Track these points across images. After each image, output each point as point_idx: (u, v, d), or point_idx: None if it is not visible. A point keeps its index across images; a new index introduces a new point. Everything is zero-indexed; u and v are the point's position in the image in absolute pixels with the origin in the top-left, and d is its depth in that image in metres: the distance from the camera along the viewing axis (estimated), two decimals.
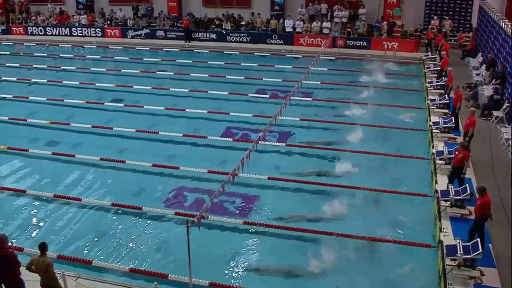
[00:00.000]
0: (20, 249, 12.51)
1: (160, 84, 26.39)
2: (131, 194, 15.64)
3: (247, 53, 32.78)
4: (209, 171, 16.65)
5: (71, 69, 30.24)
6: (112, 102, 23.84)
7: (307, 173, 16.63)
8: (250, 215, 14.52)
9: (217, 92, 24.69)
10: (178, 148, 18.91)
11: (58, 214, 14.71)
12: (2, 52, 35.23)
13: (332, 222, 13.95)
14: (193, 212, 14.08)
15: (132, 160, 17.54)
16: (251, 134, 19.88)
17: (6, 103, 24.54)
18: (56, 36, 38.48)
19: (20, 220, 14.41)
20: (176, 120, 21.57)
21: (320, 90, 25.10)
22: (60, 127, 20.94)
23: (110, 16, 38.41)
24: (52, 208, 15.00)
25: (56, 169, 17.45)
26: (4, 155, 18.64)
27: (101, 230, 13.87)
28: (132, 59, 31.95)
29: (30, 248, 12.69)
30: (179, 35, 35.81)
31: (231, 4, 36.76)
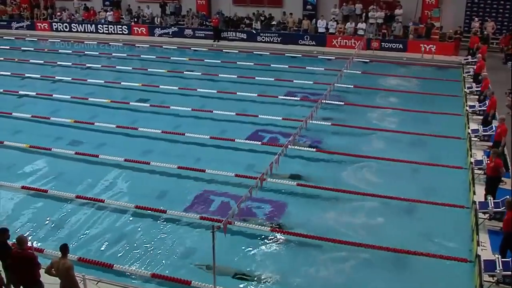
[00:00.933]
0: (40, 250, 12.71)
1: (187, 85, 26.59)
2: (155, 197, 15.79)
3: (278, 54, 32.83)
4: (236, 175, 16.71)
5: (96, 67, 30.75)
6: (138, 102, 24.14)
7: (337, 180, 16.56)
8: (277, 222, 14.51)
9: (246, 93, 24.80)
10: (204, 150, 19.03)
11: (80, 215, 14.93)
12: (26, 48, 36.05)
13: (362, 233, 13.87)
14: (218, 217, 14.17)
15: (157, 161, 17.71)
16: (280, 137, 19.89)
17: (29, 100, 25.07)
18: (82, 33, 39.18)
19: (41, 221, 14.65)
20: (203, 122, 21.72)
21: (353, 94, 24.99)
22: (84, 126, 21.29)
23: (137, 14, 38.89)
24: (73, 209, 15.22)
25: (79, 169, 17.73)
26: (26, 153, 19.02)
27: (124, 233, 14.04)
28: (159, 58, 32.26)
29: (51, 250, 12.92)
30: (207, 34, 36.09)
31: (262, 3, 36.85)
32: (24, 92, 25.98)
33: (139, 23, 38.34)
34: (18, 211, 15.17)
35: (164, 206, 15.11)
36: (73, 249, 12.74)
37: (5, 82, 27.65)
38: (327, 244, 13.39)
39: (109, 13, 39.13)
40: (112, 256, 13.04)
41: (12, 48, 36.07)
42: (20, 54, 34.54)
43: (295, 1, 35.89)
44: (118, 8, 40.19)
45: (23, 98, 25.31)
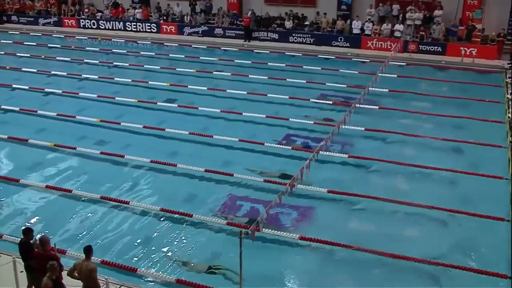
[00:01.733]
0: (62, 251, 12.88)
1: (216, 85, 26.74)
2: (181, 200, 15.90)
3: (310, 55, 32.80)
4: (265, 180, 16.74)
5: (123, 66, 31.11)
6: (165, 102, 24.34)
7: (369, 187, 16.45)
8: (307, 229, 14.46)
9: (277, 95, 24.81)
10: (233, 153, 19.09)
11: (104, 216, 15.10)
12: (53, 45, 36.70)
13: (395, 243, 13.73)
14: (246, 223, 14.19)
15: (184, 164, 17.84)
16: (311, 142, 19.86)
17: (55, 98, 25.51)
18: (109, 30, 39.74)
19: (64, 221, 14.85)
20: (232, 124, 21.81)
21: (388, 98, 24.79)
22: (110, 126, 21.57)
23: (166, 11, 39.24)
24: (97, 210, 15.41)
25: (104, 170, 17.97)
26: (51, 152, 19.34)
27: (148, 236, 14.15)
28: (188, 58, 32.51)
29: (73, 251, 13.12)
30: (238, 33, 36.24)
31: (295, 2, 36.84)
32: (50, 89, 26.42)
33: (168, 21, 38.68)
34: (41, 211, 15.41)
35: (190, 209, 15.20)
36: (96, 251, 12.69)
37: (31, 79, 28.17)
38: (356, 252, 13.29)
39: (138, 10, 39.58)
40: (136, 260, 13.16)
41: (39, 45, 36.70)
42: (46, 51, 35.15)
43: (330, 0, 35.77)
44: (147, 5, 40.64)
45: (49, 96, 25.77)
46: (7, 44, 36.78)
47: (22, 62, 31.99)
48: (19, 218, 15.00)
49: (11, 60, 32.42)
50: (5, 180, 17.15)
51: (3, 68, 30.54)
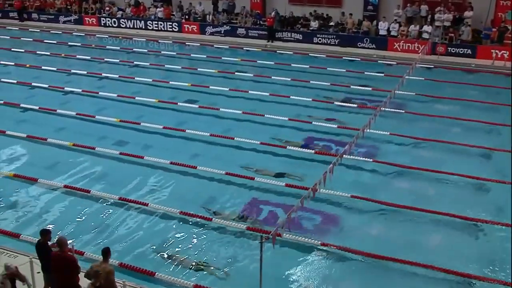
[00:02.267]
0: (80, 253, 13.00)
1: (238, 86, 26.84)
2: (201, 203, 15.95)
3: (335, 56, 32.72)
4: (286, 184, 16.75)
5: (144, 65, 31.35)
6: (186, 102, 24.47)
7: (394, 194, 16.35)
8: (329, 236, 14.44)
9: (300, 98, 24.79)
10: (254, 156, 19.14)
11: (122, 218, 15.24)
12: (73, 43, 37.09)
13: (419, 252, 13.65)
14: (266, 228, 14.22)
15: (204, 166, 17.93)
16: (334, 146, 19.82)
17: (74, 97, 25.82)
18: (131, 29, 40.07)
19: (82, 222, 15.03)
20: (253, 126, 21.85)
21: (414, 102, 24.64)
22: (129, 126, 21.76)
23: (188, 10, 39.43)
24: (116, 212, 15.55)
25: (123, 170, 18.14)
26: (70, 152, 19.56)
27: (167, 239, 14.23)
28: (210, 58, 32.64)
29: (91, 253, 13.24)
30: (261, 34, 36.29)
31: (320, 2, 36.78)
32: (69, 88, 26.74)
33: (190, 20, 38.87)
34: (59, 211, 15.62)
35: (210, 213, 15.27)
36: (113, 253, 12.90)
37: (51, 78, 28.51)
38: (379, 261, 13.25)
39: (160, 9, 39.84)
40: (154, 263, 13.24)
41: (59, 43, 37.19)
42: (67, 49, 35.60)
43: (355, 1, 35.63)
44: (169, 4, 40.87)
45: (69, 95, 26.07)
46: (27, 42, 37.25)
47: (42, 60, 32.44)
48: (37, 218, 15.21)
49: (31, 58, 32.86)
50: (24, 179, 17.40)
51: (23, 66, 30.98)
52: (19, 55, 33.56)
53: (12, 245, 13.47)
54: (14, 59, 32.50)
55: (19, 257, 12.43)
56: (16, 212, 15.59)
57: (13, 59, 32.49)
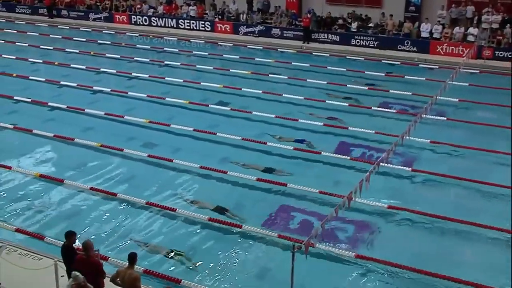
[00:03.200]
0: (105, 258, 13.15)
1: (271, 89, 26.87)
2: (231, 209, 15.99)
3: (373, 59, 32.57)
4: (320, 191, 16.71)
5: (175, 65, 31.65)
6: (218, 104, 24.63)
7: (435, 205, 16.17)
8: (364, 247, 14.37)
9: (336, 102, 24.77)
10: (286, 162, 19.16)
11: (149, 223, 15.38)
12: (103, 41, 37.71)
13: (458, 266, 13.53)
14: (298, 236, 14.19)
15: (235, 171, 18.03)
16: (371, 153, 19.74)
17: (103, 96, 26.22)
18: (162, 27, 40.43)
19: (108, 226, 15.21)
20: (287, 131, 21.83)
21: (457, 109, 24.40)
22: (159, 128, 21.97)
23: (221, 9, 39.67)
24: (143, 216, 15.71)
25: (151, 173, 18.33)
26: (97, 153, 19.86)
27: (194, 246, 14.32)
28: (242, 59, 32.80)
29: (116, 258, 13.40)
30: (297, 34, 36.29)
31: (359, 2, 36.63)
32: (98, 87, 27.16)
33: (224, 19, 39.11)
34: (84, 214, 15.83)
35: (239, 220, 15.34)
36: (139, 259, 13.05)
37: (79, 76, 29.01)
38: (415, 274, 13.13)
39: (192, 7, 40.12)
40: (181, 271, 13.32)
41: (89, 41, 37.77)
42: (96, 47, 36.14)
43: (397, 1, 35.38)
44: (202, 2, 41.13)
45: (97, 94, 26.48)
46: (56, 39, 37.94)
47: (71, 58, 32.97)
48: (62, 220, 15.45)
49: (60, 56, 33.47)
50: (50, 179, 17.71)
51: (52, 64, 31.55)
52: (48, 53, 34.23)
53: (36, 247, 13.70)
54: (42, 56, 33.16)
55: (43, 260, 12.64)
56: (41, 213, 15.86)
57: (42, 56, 33.15)
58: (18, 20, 44.07)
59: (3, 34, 39.17)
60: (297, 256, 10.46)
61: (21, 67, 30.62)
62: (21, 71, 29.63)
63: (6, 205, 16.26)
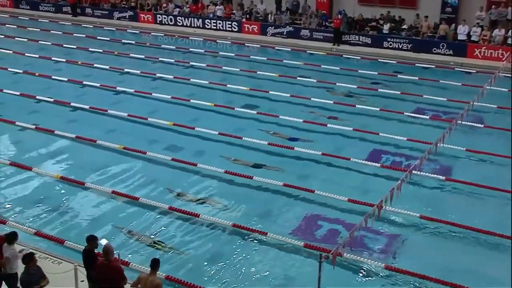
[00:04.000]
0: (126, 263, 13.28)
1: (300, 92, 26.83)
2: (256, 216, 16.08)
3: (407, 63, 32.34)
4: (349, 199, 16.67)
5: (200, 66, 31.81)
6: (244, 107, 24.72)
7: (469, 217, 16.00)
8: (393, 258, 14.30)
9: (367, 107, 24.70)
10: (315, 168, 19.16)
11: (171, 228, 15.50)
12: (127, 41, 38.11)
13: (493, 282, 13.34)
14: (325, 246, 14.18)
15: (261, 176, 18.07)
16: (403, 161, 19.65)
17: (126, 97, 26.49)
18: (187, 27, 40.63)
19: (129, 231, 15.35)
20: (315, 136, 21.83)
21: (496, 115, 24.11)
22: (183, 131, 22.12)
23: (249, 9, 39.76)
24: (165, 221, 15.83)
25: (175, 178, 18.46)
26: (119, 155, 20.10)
27: (218, 253, 14.39)
28: (270, 60, 32.89)
29: (136, 263, 13.51)
30: (326, 36, 36.18)
31: (393, 3, 36.37)
32: (121, 88, 27.43)
33: (251, 20, 39.20)
34: (106, 218, 16.01)
35: (265, 227, 15.36)
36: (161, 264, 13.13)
37: (103, 76, 29.37)
38: None
39: (219, 7, 40.26)
40: (203, 278, 13.40)
41: (112, 40, 38.23)
42: (120, 46, 36.54)
43: (432, 2, 35.03)
44: (229, 2, 41.28)
45: (121, 95, 26.76)
46: (79, 38, 38.45)
47: (94, 57, 33.36)
48: (83, 224, 15.67)
49: (83, 55, 33.88)
50: (70, 182, 17.94)
51: (75, 63, 31.97)
52: (71, 52, 34.69)
53: (56, 251, 13.90)
54: (66, 55, 33.60)
55: (63, 264, 12.81)
56: (61, 216, 16.07)
57: (65, 55, 33.59)
58: (42, 18, 44.78)
59: (27, 33, 39.82)
60: (324, 266, 10.44)
61: (44, 66, 31.14)
62: (43, 70, 30.12)
63: (26, 207, 16.50)
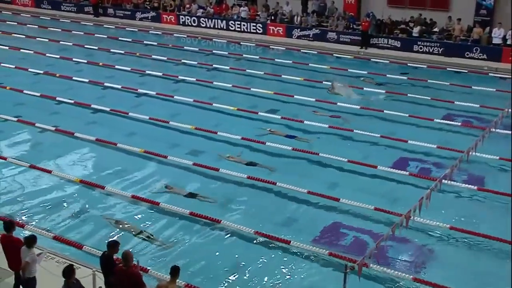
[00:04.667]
0: (145, 270, 13.31)
1: (326, 97, 26.80)
2: (279, 224, 16.07)
3: (438, 67, 32.20)
4: (375, 208, 16.58)
5: (223, 69, 32.00)
6: (268, 112, 24.74)
7: (502, 229, 15.77)
8: (422, 270, 14.19)
9: (395, 112, 24.53)
10: (340, 175, 19.11)
11: (192, 234, 15.53)
12: (149, 42, 38.37)
13: None
14: (351, 256, 14.12)
15: (284, 183, 18.02)
16: (432, 169, 19.51)
17: (148, 100, 26.65)
18: (211, 29, 40.91)
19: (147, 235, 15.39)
20: (341, 142, 21.83)
21: None
22: (205, 135, 22.20)
23: (274, 10, 39.78)
24: (186, 227, 15.87)
25: (197, 183, 18.47)
26: (140, 158, 20.23)
27: (239, 260, 14.38)
28: (295, 64, 32.91)
29: (157, 271, 13.54)
30: (354, 39, 36.17)
31: (424, 5, 36.21)
32: (143, 90, 27.62)
33: (276, 21, 39.22)
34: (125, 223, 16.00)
35: (288, 235, 15.33)
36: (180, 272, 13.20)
37: (124, 78, 29.66)
38: None
39: (243, 8, 40.40)
40: (223, 286, 13.41)
41: (134, 41, 38.61)
42: (142, 48, 36.87)
43: (466, 4, 34.76)
44: (254, 3, 41.35)
45: (142, 97, 26.96)
46: (101, 39, 38.88)
47: (115, 58, 33.74)
48: (102, 229, 15.73)
49: (104, 56, 34.25)
50: (90, 185, 18.09)
51: (96, 65, 32.29)
52: (92, 53, 35.10)
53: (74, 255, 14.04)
54: (87, 56, 33.98)
55: (81, 269, 12.87)
56: (80, 220, 16.17)
57: (86, 56, 33.98)
58: (63, 18, 45.40)
59: (48, 33, 40.38)
60: (349, 277, 10.39)
61: (65, 67, 31.52)
62: (64, 71, 30.47)
63: (45, 211, 16.66)
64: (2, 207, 16.79)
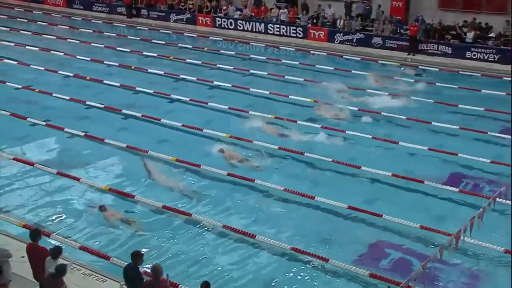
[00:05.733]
0: (175, 285, 13.32)
1: (368, 106, 26.61)
2: (317, 240, 15.98)
3: (493, 76, 31.77)
4: (421, 226, 16.36)
5: (261, 75, 32.00)
6: (307, 121, 24.65)
7: None
8: None
9: (444, 124, 24.21)
10: (384, 190, 18.95)
11: (225, 249, 15.55)
12: (184, 45, 38.71)
13: None
14: (394, 277, 13.92)
15: (324, 197, 17.91)
16: (485, 186, 19.21)
17: (181, 106, 26.80)
18: (249, 32, 41.05)
19: (179, 249, 15.45)
20: (384, 154, 21.63)
21: None
22: (240, 144, 22.20)
23: (316, 14, 39.72)
24: (218, 240, 15.89)
25: (230, 194, 18.53)
26: (172, 167, 20.31)
27: (274, 277, 14.34)
28: (337, 70, 32.77)
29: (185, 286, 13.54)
30: (401, 44, 35.88)
31: (479, 8, 35.64)
32: (176, 96, 27.80)
33: (318, 25, 39.16)
34: (155, 234, 16.12)
35: (326, 253, 15.21)
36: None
37: (157, 82, 29.97)
38: None
39: (283, 11, 40.30)
40: None
41: (168, 44, 38.90)
42: (176, 51, 37.15)
43: None
44: (294, 5, 41.32)
45: (175, 103, 27.12)
46: (134, 41, 39.32)
47: (148, 62, 34.05)
48: (130, 239, 15.83)
49: (137, 59, 34.68)
50: (119, 194, 18.24)
51: (128, 68, 32.68)
52: (124, 55, 35.50)
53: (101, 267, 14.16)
54: (118, 59, 34.33)
55: (107, 282, 12.97)
56: (108, 231, 16.30)
57: (118, 59, 34.33)
58: (95, 19, 46.04)
59: (79, 34, 41.09)
60: None
61: (96, 70, 31.94)
62: (95, 74, 30.84)
63: (72, 219, 16.85)
64: (28, 214, 17.02)
